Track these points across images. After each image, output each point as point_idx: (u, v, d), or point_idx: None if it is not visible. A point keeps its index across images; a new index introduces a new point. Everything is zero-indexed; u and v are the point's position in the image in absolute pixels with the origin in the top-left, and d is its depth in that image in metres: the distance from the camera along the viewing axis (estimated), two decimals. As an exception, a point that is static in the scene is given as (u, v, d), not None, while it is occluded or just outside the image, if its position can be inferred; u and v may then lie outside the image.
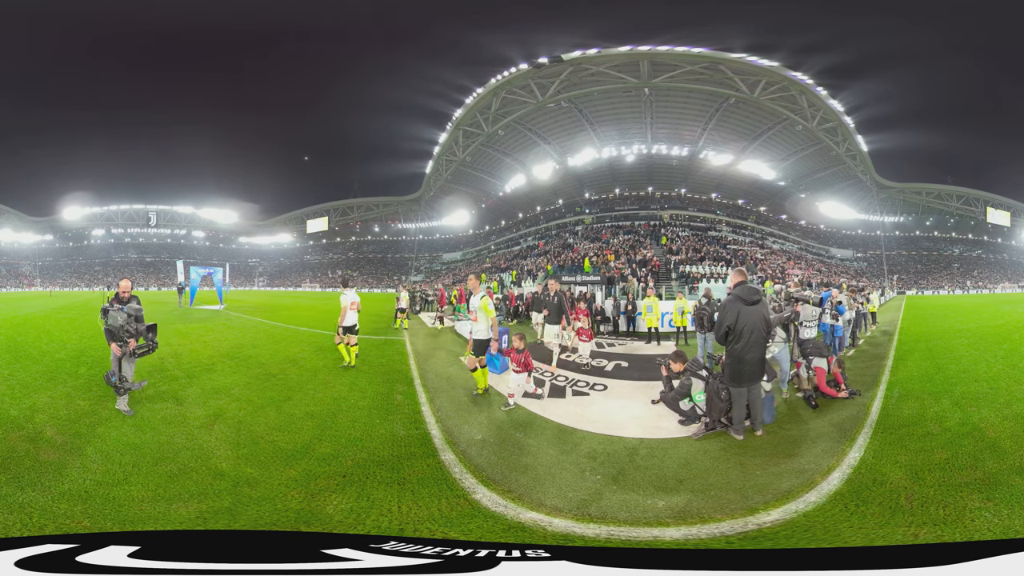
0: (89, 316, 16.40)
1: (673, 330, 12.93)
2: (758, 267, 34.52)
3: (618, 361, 9.75)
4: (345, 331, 8.37)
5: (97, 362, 7.79)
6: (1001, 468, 3.83)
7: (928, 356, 9.02)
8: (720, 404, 5.00)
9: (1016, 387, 6.19)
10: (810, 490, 3.70)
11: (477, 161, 56.51)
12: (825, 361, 6.47)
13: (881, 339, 12.19)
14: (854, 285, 25.77)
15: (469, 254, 60.90)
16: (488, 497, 3.68)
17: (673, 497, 3.70)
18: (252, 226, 71.21)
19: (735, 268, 6.70)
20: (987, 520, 3.09)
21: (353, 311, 8.43)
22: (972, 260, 54.03)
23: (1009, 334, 11.22)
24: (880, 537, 3.00)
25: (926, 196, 55.09)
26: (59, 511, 3.18)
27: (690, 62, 40.21)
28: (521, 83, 45.03)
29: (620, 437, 5.08)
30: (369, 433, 5.05)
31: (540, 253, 42.48)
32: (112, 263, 66.94)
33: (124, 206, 69.16)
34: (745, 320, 4.90)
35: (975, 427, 4.80)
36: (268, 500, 3.51)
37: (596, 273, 27.22)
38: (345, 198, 68.94)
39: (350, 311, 8.36)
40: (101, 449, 4.26)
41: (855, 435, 4.84)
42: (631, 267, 27.87)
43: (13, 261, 62.71)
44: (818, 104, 43.28)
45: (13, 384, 6.28)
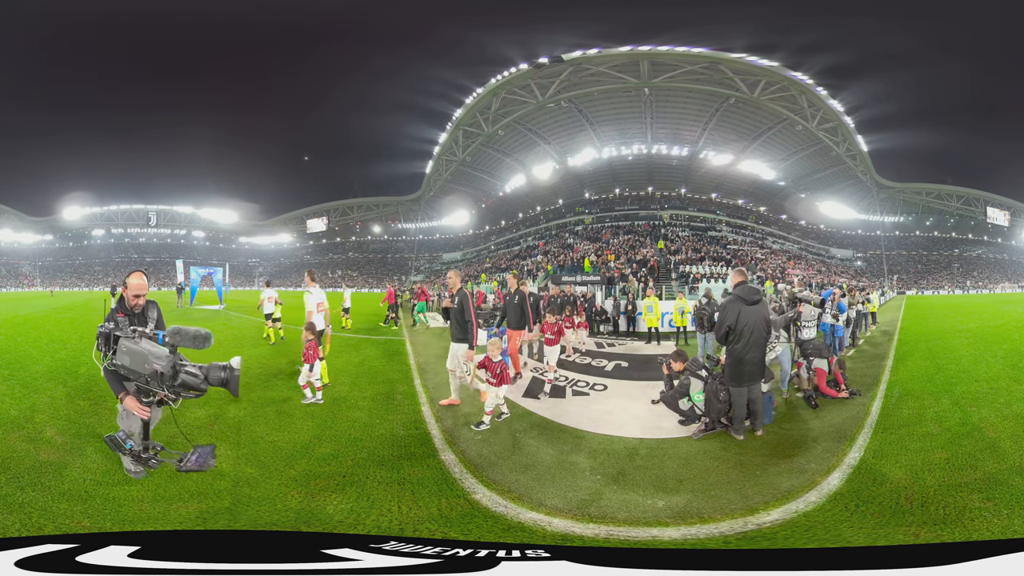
0: (89, 317, 16.40)
1: (673, 330, 12.94)
2: (758, 267, 34.52)
3: (618, 361, 9.75)
4: (270, 319, 9.37)
5: (97, 362, 7.78)
6: (1001, 468, 3.83)
7: (928, 356, 9.03)
8: (718, 405, 5.00)
9: (1016, 387, 6.19)
10: (810, 490, 3.70)
11: (477, 161, 56.49)
12: (825, 362, 6.47)
13: (881, 339, 12.19)
14: (853, 285, 25.78)
15: (469, 254, 60.88)
16: (488, 497, 3.68)
17: (673, 497, 3.70)
18: (252, 226, 71.18)
19: (735, 268, 6.70)
20: (987, 520, 3.09)
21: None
22: (972, 260, 53.99)
23: (1009, 334, 11.22)
24: (880, 537, 3.00)
25: (926, 196, 55.06)
26: (59, 511, 3.18)
27: (690, 62, 40.21)
28: (521, 83, 45.02)
29: (620, 437, 5.08)
30: (369, 433, 5.05)
31: (540, 253, 42.50)
32: (112, 263, 66.91)
33: (124, 206, 69.11)
34: (745, 320, 4.91)
35: (975, 427, 4.80)
36: (268, 500, 3.51)
37: (596, 273, 27.20)
38: (345, 198, 68.95)
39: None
40: (101, 449, 4.26)
41: (855, 435, 4.84)
42: (631, 267, 27.87)
43: (13, 261, 62.69)
44: (818, 104, 43.27)
45: (13, 384, 6.28)
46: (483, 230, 63.38)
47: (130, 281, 3.54)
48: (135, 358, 2.74)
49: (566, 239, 45.32)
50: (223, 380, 2.71)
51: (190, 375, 2.71)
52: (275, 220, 70.85)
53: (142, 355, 2.73)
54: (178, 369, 2.71)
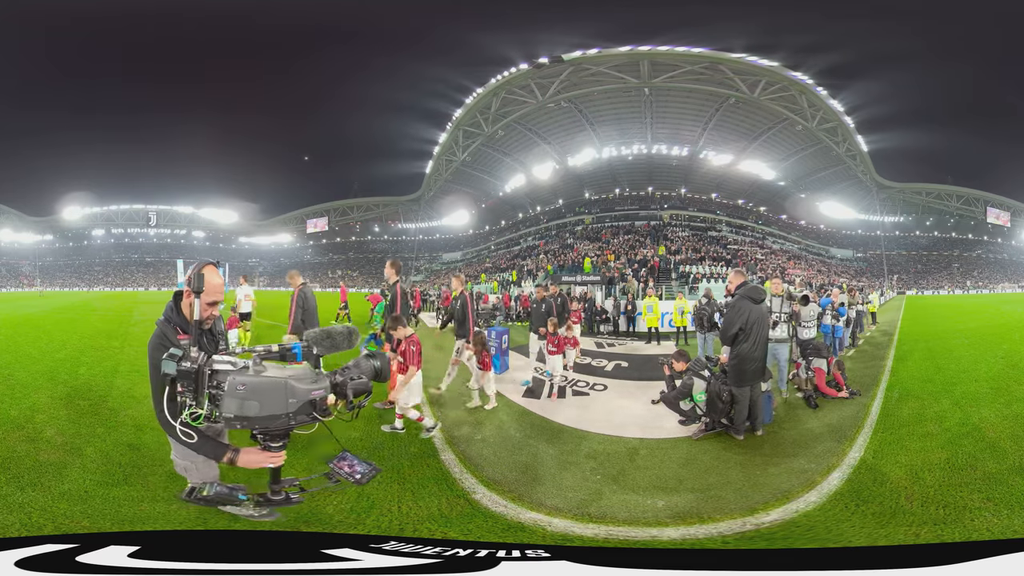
0: (88, 317, 16.40)
1: (673, 330, 12.94)
2: (758, 267, 34.52)
3: (618, 361, 9.75)
4: (242, 317, 10.53)
5: (97, 362, 7.79)
6: (1001, 468, 3.83)
7: (928, 356, 9.02)
8: (721, 405, 5.00)
9: (1016, 387, 6.19)
10: (810, 490, 3.70)
11: (477, 161, 56.47)
12: (825, 362, 6.48)
13: (881, 339, 12.19)
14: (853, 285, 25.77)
15: (469, 254, 60.90)
16: (488, 497, 3.68)
17: (673, 497, 3.70)
18: (252, 226, 71.17)
19: (735, 268, 6.70)
20: (987, 520, 3.09)
21: (248, 302, 10.92)
22: (972, 260, 53.99)
23: (1009, 334, 11.22)
24: (880, 537, 3.00)
25: (926, 196, 55.04)
26: (59, 511, 3.18)
27: (690, 62, 40.20)
28: (521, 83, 45.00)
29: (620, 437, 5.08)
30: (369, 433, 5.05)
31: (541, 252, 42.51)
32: (112, 263, 66.92)
33: (124, 206, 69.08)
34: (754, 319, 4.93)
35: (975, 427, 4.80)
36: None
37: (596, 273, 27.20)
38: (345, 198, 68.95)
39: (245, 302, 10.85)
40: (101, 449, 4.26)
41: (855, 435, 4.84)
42: (631, 267, 27.87)
43: (13, 261, 62.70)
44: (818, 104, 43.25)
45: (13, 384, 6.27)
46: (483, 230, 63.37)
47: (207, 279, 2.29)
48: (270, 397, 1.85)
49: (566, 239, 45.32)
50: (378, 369, 2.24)
51: (357, 381, 2.13)
52: (275, 220, 70.83)
53: (280, 389, 1.86)
54: (345, 384, 2.07)
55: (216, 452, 2.23)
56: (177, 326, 2.36)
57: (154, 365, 2.20)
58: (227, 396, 1.81)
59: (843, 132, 46.22)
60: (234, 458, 2.20)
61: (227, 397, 1.81)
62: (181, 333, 2.32)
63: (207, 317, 2.38)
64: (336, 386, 2.04)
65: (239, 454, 2.21)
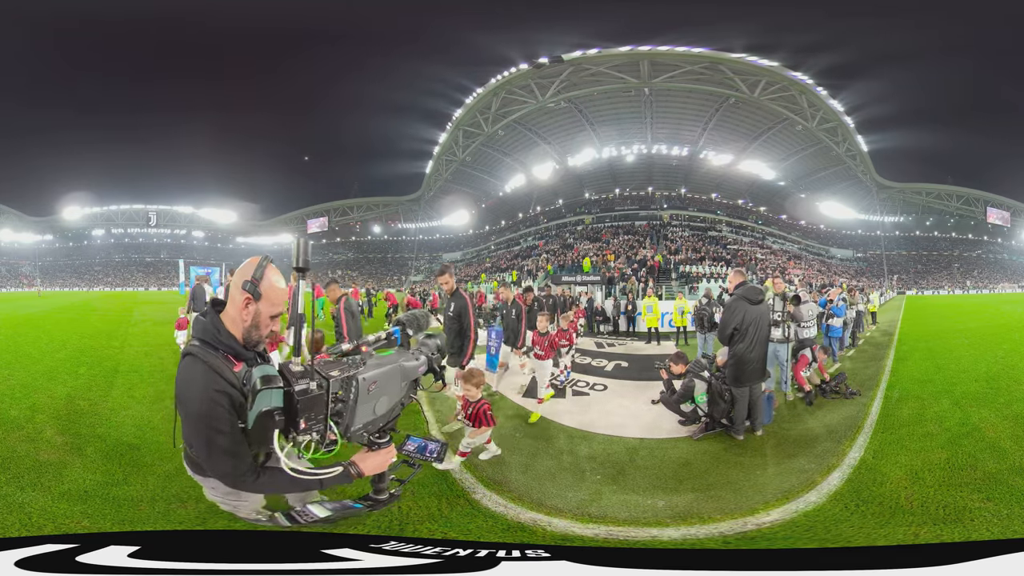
0: (88, 317, 16.40)
1: (673, 330, 12.94)
2: (758, 267, 34.53)
3: (618, 361, 9.75)
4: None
5: (97, 362, 7.79)
6: (1001, 468, 3.83)
7: (928, 356, 9.02)
8: (723, 405, 5.00)
9: (1016, 387, 6.19)
10: (810, 490, 3.70)
11: (477, 161, 56.50)
12: (809, 350, 6.53)
13: (881, 339, 12.19)
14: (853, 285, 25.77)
15: (469, 254, 60.90)
16: (488, 497, 3.68)
17: (673, 497, 3.70)
18: (252, 226, 71.15)
19: (735, 268, 6.71)
20: (987, 520, 3.09)
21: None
22: (972, 260, 54.00)
23: (1009, 334, 11.22)
24: (880, 537, 3.00)
25: (926, 196, 55.06)
26: (59, 511, 3.18)
27: (690, 62, 40.22)
28: (521, 83, 45.03)
29: (620, 437, 5.08)
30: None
31: (541, 252, 42.51)
32: (112, 263, 66.91)
33: (124, 206, 69.08)
34: (750, 319, 4.93)
35: (975, 427, 4.80)
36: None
37: (596, 273, 27.21)
38: (345, 198, 68.96)
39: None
40: (101, 449, 4.26)
41: (855, 435, 4.84)
42: (631, 267, 27.88)
43: (13, 261, 62.69)
44: (818, 104, 43.29)
45: (13, 384, 6.27)
46: (483, 230, 63.37)
47: (269, 283, 1.80)
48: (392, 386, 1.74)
49: (566, 239, 45.32)
50: (439, 346, 2.14)
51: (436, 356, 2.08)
52: (275, 220, 70.82)
53: (396, 375, 1.77)
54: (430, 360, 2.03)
55: (342, 476, 1.87)
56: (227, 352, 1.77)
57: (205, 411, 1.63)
58: (360, 403, 1.62)
59: (843, 132, 46.26)
60: (360, 470, 1.90)
61: (360, 405, 1.62)
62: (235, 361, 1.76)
63: (268, 334, 1.85)
64: (430, 364, 2.03)
65: (357, 464, 1.91)
